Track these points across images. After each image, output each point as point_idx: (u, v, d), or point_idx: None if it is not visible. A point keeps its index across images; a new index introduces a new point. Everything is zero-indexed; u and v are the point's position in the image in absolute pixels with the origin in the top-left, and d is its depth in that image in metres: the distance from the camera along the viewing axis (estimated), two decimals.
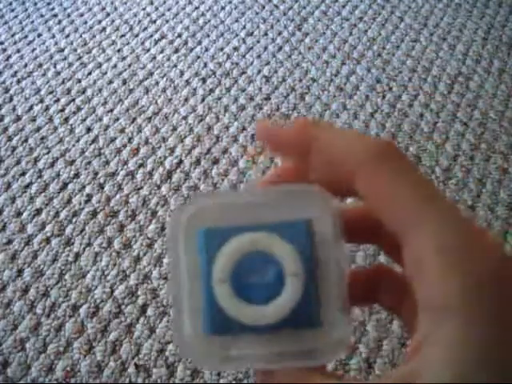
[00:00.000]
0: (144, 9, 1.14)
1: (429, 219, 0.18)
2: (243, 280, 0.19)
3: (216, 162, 0.83)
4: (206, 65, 1.00)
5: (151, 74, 0.98)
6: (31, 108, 0.92)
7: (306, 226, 0.19)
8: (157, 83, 0.96)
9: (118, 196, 0.78)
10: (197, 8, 1.14)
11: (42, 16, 1.12)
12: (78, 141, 0.87)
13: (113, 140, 0.86)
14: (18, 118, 0.91)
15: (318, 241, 0.19)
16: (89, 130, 0.88)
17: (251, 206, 0.20)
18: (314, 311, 0.19)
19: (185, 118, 0.90)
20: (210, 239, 0.19)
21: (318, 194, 0.19)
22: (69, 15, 1.13)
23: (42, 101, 0.93)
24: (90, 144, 0.86)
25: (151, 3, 1.15)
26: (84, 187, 0.80)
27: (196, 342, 0.19)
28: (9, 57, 1.02)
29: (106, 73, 0.98)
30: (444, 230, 0.18)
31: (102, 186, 0.80)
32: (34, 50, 1.04)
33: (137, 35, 1.07)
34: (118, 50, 1.03)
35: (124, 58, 1.01)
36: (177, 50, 1.03)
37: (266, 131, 0.21)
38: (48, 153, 0.85)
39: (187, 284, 0.19)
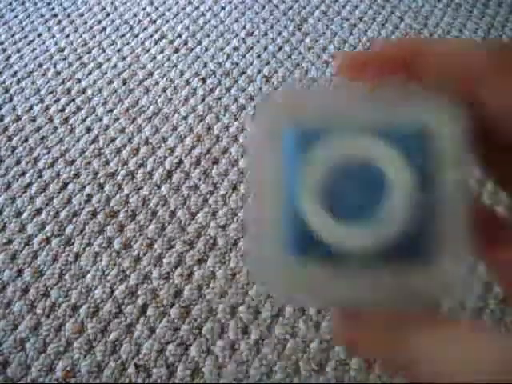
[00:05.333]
0: (144, 9, 1.14)
1: None
2: (336, 193, 0.15)
3: (216, 162, 0.83)
4: (206, 65, 1.00)
5: (151, 74, 0.98)
6: (31, 108, 0.92)
7: (422, 135, 0.15)
8: (157, 83, 0.96)
9: (118, 196, 0.78)
10: (197, 8, 1.14)
11: (42, 16, 1.12)
12: (78, 141, 0.87)
13: (113, 140, 0.86)
14: (18, 118, 0.91)
15: (435, 156, 0.15)
16: (89, 129, 0.88)
17: (352, 105, 0.16)
18: (423, 241, 0.15)
19: (185, 117, 0.90)
20: (300, 141, 0.16)
21: (439, 99, 0.15)
22: (69, 15, 1.13)
23: (42, 101, 0.93)
24: (90, 144, 0.86)
25: (151, 3, 1.15)
26: (84, 187, 0.80)
27: (275, 265, 0.16)
28: (9, 57, 1.02)
29: (106, 73, 0.98)
30: None
31: (101, 186, 0.80)
32: (34, 49, 1.04)
33: (137, 35, 1.07)
34: (118, 50, 1.03)
35: (124, 58, 1.01)
36: (177, 50, 1.03)
37: (353, 57, 0.17)
38: (48, 153, 0.85)
39: (268, 195, 0.16)
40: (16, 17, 1.12)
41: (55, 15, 1.13)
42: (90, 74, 0.98)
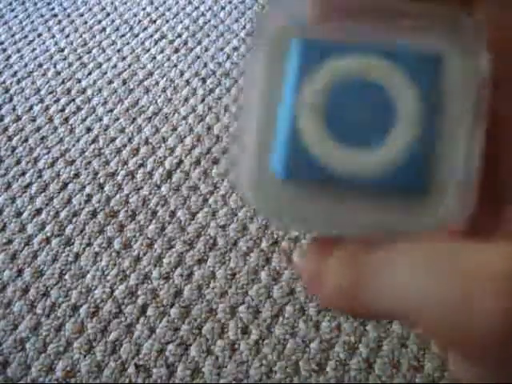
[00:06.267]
0: (144, 9, 1.14)
1: None
2: (339, 114, 0.14)
3: (216, 162, 0.83)
4: (206, 65, 1.00)
5: (151, 74, 0.98)
6: (31, 108, 0.92)
7: (436, 63, 0.14)
8: (157, 83, 0.96)
9: (117, 196, 0.78)
10: (197, 8, 1.14)
11: (42, 16, 1.12)
12: (78, 141, 0.87)
13: (113, 140, 0.86)
14: (18, 118, 0.91)
15: (449, 85, 0.14)
16: (89, 130, 0.88)
17: (368, 23, 0.14)
18: (423, 173, 0.14)
19: (185, 117, 0.90)
20: (307, 53, 0.14)
21: (467, 21, 0.14)
22: (69, 15, 1.13)
23: (42, 101, 0.93)
24: (90, 144, 0.86)
25: (151, 3, 1.15)
26: (84, 187, 0.80)
27: (263, 185, 0.15)
28: (9, 57, 1.02)
29: (106, 73, 0.98)
30: None
31: (101, 186, 0.80)
32: (34, 49, 1.04)
33: (137, 35, 1.07)
34: (118, 50, 1.03)
35: (124, 58, 1.01)
36: (177, 50, 1.03)
37: None
38: (48, 153, 0.85)
39: (263, 109, 0.15)
40: (16, 17, 1.12)
41: (55, 15, 1.13)
42: (89, 74, 0.98)
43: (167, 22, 1.10)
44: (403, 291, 0.12)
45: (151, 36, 1.07)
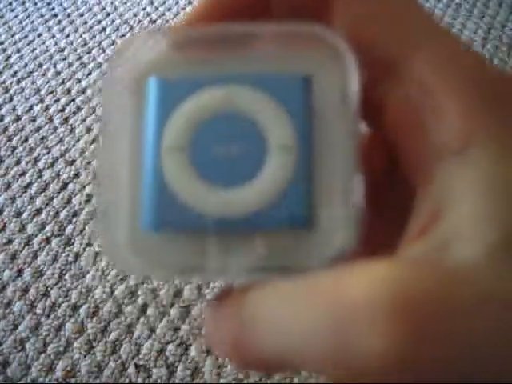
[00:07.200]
0: (144, 9, 1.14)
1: (438, 40, 0.13)
2: (207, 152, 0.13)
3: None
4: None
5: None
6: (31, 108, 0.92)
7: (304, 84, 0.13)
8: None
9: None
10: None
11: (41, 16, 1.12)
12: (78, 141, 0.87)
13: None
14: (18, 118, 0.91)
15: (320, 107, 0.13)
16: (89, 130, 0.88)
17: (222, 51, 0.13)
18: (305, 204, 0.13)
19: None
20: (165, 93, 0.13)
21: (327, 38, 0.13)
22: (69, 15, 1.13)
23: (41, 101, 0.93)
24: (90, 144, 0.86)
25: (151, 3, 1.15)
26: (84, 187, 0.80)
27: (134, 244, 0.13)
28: (9, 57, 1.02)
29: (106, 73, 0.98)
30: (456, 57, 0.13)
31: None
32: (34, 49, 1.04)
33: None
34: None
35: None
36: None
37: None
38: (48, 153, 0.85)
39: (125, 159, 0.14)
40: (16, 17, 1.12)
41: (55, 15, 1.13)
42: (89, 74, 0.98)
43: (167, 22, 1.10)
44: (280, 334, 0.11)
45: None
